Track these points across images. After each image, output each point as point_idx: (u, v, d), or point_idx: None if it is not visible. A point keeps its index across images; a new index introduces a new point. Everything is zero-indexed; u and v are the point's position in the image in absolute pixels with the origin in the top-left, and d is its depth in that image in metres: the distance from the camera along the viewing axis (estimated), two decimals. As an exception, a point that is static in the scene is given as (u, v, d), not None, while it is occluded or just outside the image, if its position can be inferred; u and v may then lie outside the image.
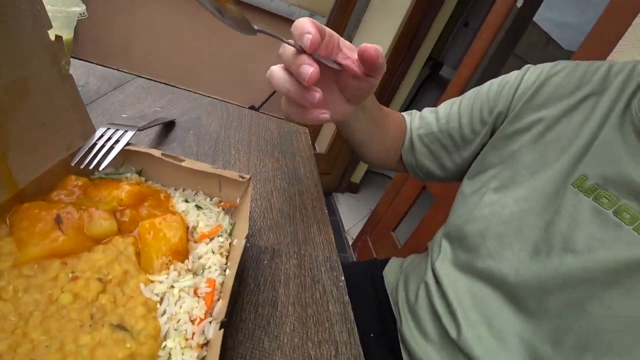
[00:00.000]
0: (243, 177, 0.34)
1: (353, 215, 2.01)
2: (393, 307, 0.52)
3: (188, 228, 0.29)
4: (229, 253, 0.30)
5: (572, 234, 0.34)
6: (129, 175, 0.32)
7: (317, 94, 0.30)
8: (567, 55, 1.92)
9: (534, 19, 1.66)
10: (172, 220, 0.27)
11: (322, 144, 2.01)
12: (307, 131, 0.70)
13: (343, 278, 0.39)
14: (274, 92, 2.29)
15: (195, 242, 0.29)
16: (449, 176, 0.53)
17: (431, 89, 2.15)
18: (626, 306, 0.29)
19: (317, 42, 0.28)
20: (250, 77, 2.39)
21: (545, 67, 0.44)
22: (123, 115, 0.48)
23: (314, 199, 0.50)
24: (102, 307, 0.20)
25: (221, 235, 0.31)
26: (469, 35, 2.08)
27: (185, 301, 0.23)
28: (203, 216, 0.32)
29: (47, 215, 0.23)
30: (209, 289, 0.25)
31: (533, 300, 0.35)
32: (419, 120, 0.52)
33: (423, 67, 1.79)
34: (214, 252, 0.29)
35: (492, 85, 0.48)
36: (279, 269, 0.37)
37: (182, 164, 0.33)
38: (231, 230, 0.33)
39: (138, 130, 0.37)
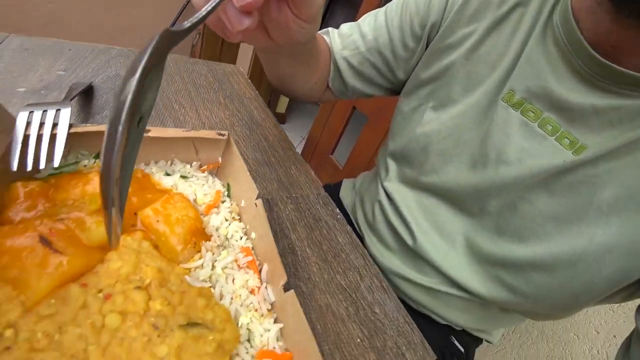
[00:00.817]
0: (222, 135, 0.31)
1: (286, 147, 1.99)
2: (355, 226, 0.55)
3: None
4: (240, 215, 0.28)
5: (504, 146, 0.36)
6: (85, 162, 0.26)
7: None
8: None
9: None
10: (177, 200, 0.23)
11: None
12: (242, 70, 0.63)
13: (338, 210, 0.40)
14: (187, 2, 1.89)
15: (203, 215, 0.26)
16: (386, 93, 0.51)
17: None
18: (548, 204, 0.34)
19: None
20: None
21: None
22: (19, 90, 0.36)
23: (280, 140, 0.48)
24: (160, 313, 0.18)
25: (224, 200, 0.29)
26: None
27: (235, 277, 0.22)
28: (194, 185, 0.29)
29: (25, 240, 0.18)
30: (249, 257, 0.23)
31: (474, 204, 0.39)
32: (340, 40, 0.46)
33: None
34: (227, 220, 0.27)
35: None
36: (281, 217, 0.36)
37: (149, 134, 0.27)
38: (228, 192, 0.30)
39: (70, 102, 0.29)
